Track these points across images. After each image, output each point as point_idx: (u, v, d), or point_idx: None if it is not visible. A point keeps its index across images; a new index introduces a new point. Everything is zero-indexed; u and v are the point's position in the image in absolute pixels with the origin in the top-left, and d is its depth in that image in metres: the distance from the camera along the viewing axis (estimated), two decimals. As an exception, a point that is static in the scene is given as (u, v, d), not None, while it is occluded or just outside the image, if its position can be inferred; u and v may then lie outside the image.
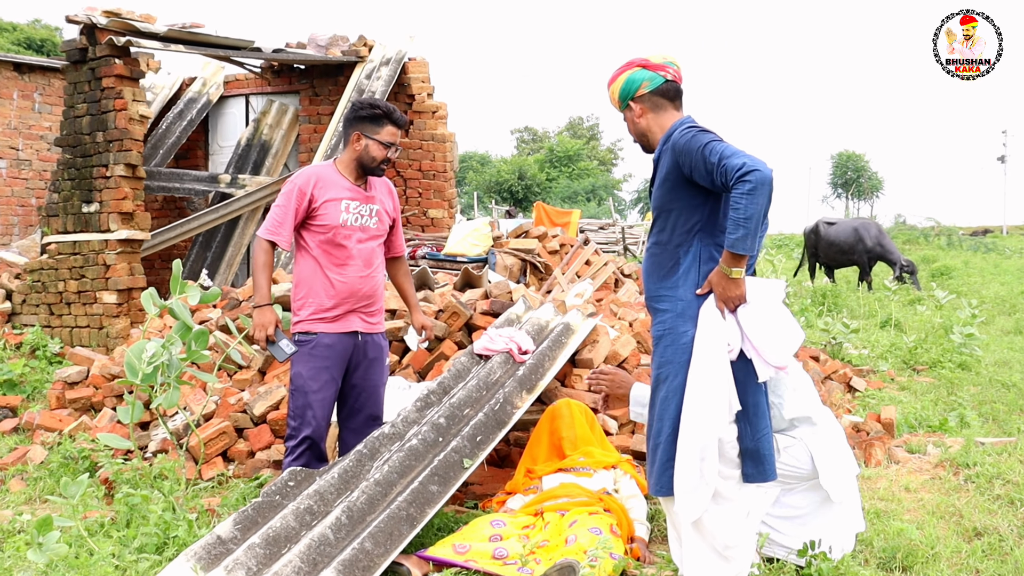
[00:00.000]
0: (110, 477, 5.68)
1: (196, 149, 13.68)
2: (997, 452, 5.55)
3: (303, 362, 4.83)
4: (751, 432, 3.67)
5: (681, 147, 3.60)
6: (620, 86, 3.88)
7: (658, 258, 3.81)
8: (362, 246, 4.90)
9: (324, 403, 4.84)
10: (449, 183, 12.34)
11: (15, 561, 4.38)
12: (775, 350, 3.58)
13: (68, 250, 9.81)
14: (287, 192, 4.83)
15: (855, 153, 70.34)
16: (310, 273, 4.88)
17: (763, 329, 3.58)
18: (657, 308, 3.80)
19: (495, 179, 54.22)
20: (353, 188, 4.91)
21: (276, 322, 4.80)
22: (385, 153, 4.87)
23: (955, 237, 34.57)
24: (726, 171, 3.42)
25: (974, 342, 10.30)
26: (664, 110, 3.87)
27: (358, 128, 4.88)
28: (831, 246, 18.21)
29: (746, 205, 3.37)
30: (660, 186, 3.77)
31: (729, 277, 3.52)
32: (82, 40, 9.60)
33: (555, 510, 4.67)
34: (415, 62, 12.36)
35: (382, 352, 5.10)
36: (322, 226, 4.82)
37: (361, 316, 4.94)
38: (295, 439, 4.84)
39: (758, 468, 3.68)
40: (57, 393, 7.68)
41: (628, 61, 3.90)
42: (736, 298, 3.57)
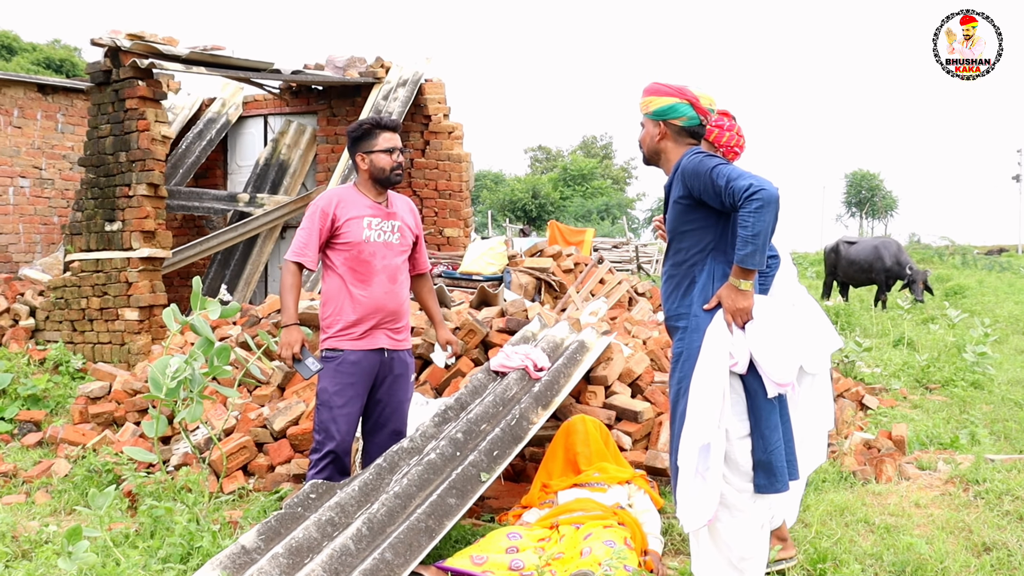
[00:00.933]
0: (133, 490, 5.79)
1: (215, 168, 13.85)
2: (1007, 469, 5.61)
3: (329, 378, 4.93)
4: (763, 444, 3.77)
5: (690, 172, 3.76)
6: (663, 105, 4.01)
7: (675, 279, 3.96)
8: (386, 262, 5.01)
9: (349, 418, 4.94)
10: (465, 202, 12.46)
11: (46, 569, 4.49)
12: (779, 368, 3.71)
13: (91, 268, 9.96)
14: (311, 214, 4.96)
15: (869, 172, 70.32)
16: (336, 291, 4.99)
17: (768, 347, 3.71)
18: (676, 327, 3.94)
19: (509, 198, 54.34)
20: (374, 205, 5.03)
21: (302, 341, 4.93)
22: (391, 159, 4.99)
23: (970, 256, 34.53)
24: (734, 192, 3.58)
25: (987, 361, 10.35)
26: (683, 144, 4.04)
27: (358, 150, 5.03)
28: (851, 265, 18.31)
29: (754, 223, 3.53)
30: (673, 209, 3.91)
31: (739, 290, 3.69)
32: (106, 62, 9.78)
33: (570, 523, 4.76)
34: (431, 83, 12.50)
35: (407, 368, 5.20)
36: (346, 244, 4.94)
37: (387, 333, 5.04)
38: (319, 453, 4.93)
39: (770, 479, 3.79)
40: (80, 408, 7.81)
41: (682, 88, 4.03)
42: (744, 311, 3.72)
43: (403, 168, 5.09)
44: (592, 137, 73.19)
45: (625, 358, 6.61)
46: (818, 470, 5.86)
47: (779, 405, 3.87)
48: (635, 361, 6.63)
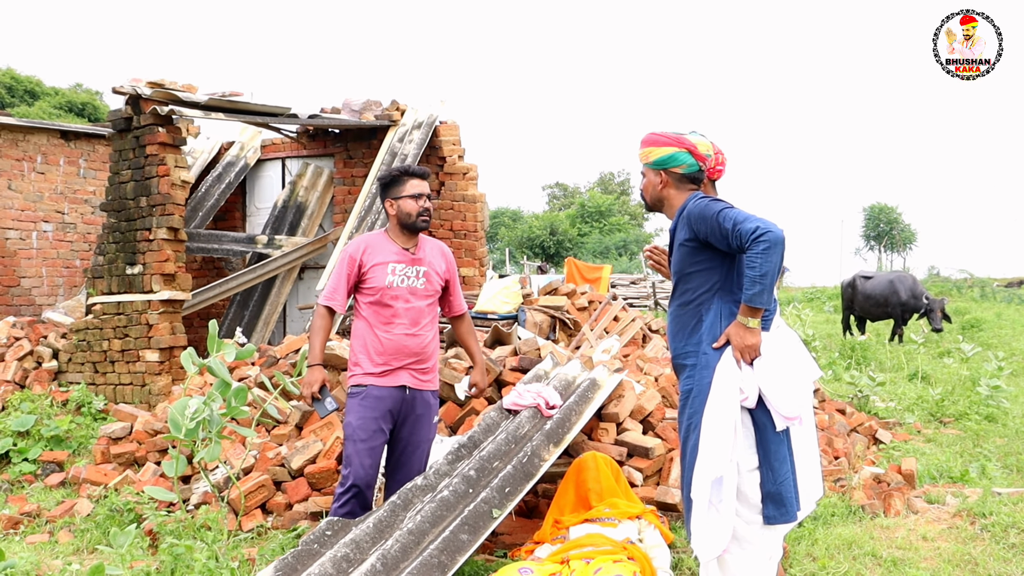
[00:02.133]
0: (154, 528, 5.90)
1: (234, 211, 14.05)
2: (1013, 502, 5.66)
3: (354, 412, 5.09)
4: (772, 476, 3.89)
5: (696, 216, 3.91)
6: (663, 155, 4.15)
7: (682, 319, 4.09)
8: (408, 306, 5.19)
9: (372, 453, 5.07)
10: (480, 242, 12.59)
11: (69, 607, 4.60)
12: (787, 402, 3.83)
13: (112, 310, 10.12)
14: (341, 260, 5.22)
15: (887, 205, 69.99)
16: (363, 331, 5.20)
17: (776, 382, 3.83)
18: (684, 364, 4.06)
19: (527, 235, 54.44)
20: (401, 252, 5.23)
21: (323, 381, 5.14)
22: (418, 204, 5.18)
23: (988, 288, 34.36)
24: (741, 235, 3.73)
25: (1001, 394, 10.37)
26: (685, 190, 4.19)
27: (387, 197, 5.24)
28: (867, 299, 18.35)
29: (761, 263, 3.68)
30: (679, 251, 4.05)
31: (747, 328, 3.83)
32: (127, 110, 9.99)
33: (581, 558, 4.84)
34: (446, 125, 12.68)
35: (430, 409, 5.33)
36: (371, 288, 5.16)
37: (411, 372, 5.20)
38: (343, 486, 5.06)
39: (779, 510, 3.89)
40: (102, 448, 7.93)
41: (679, 137, 4.17)
42: (752, 348, 3.85)
43: (430, 214, 5.26)
44: (609, 174, 73.25)
45: (636, 395, 6.69)
46: (826, 504, 5.94)
47: (786, 438, 3.98)
48: (646, 398, 6.71)
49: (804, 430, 4.60)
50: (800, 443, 4.49)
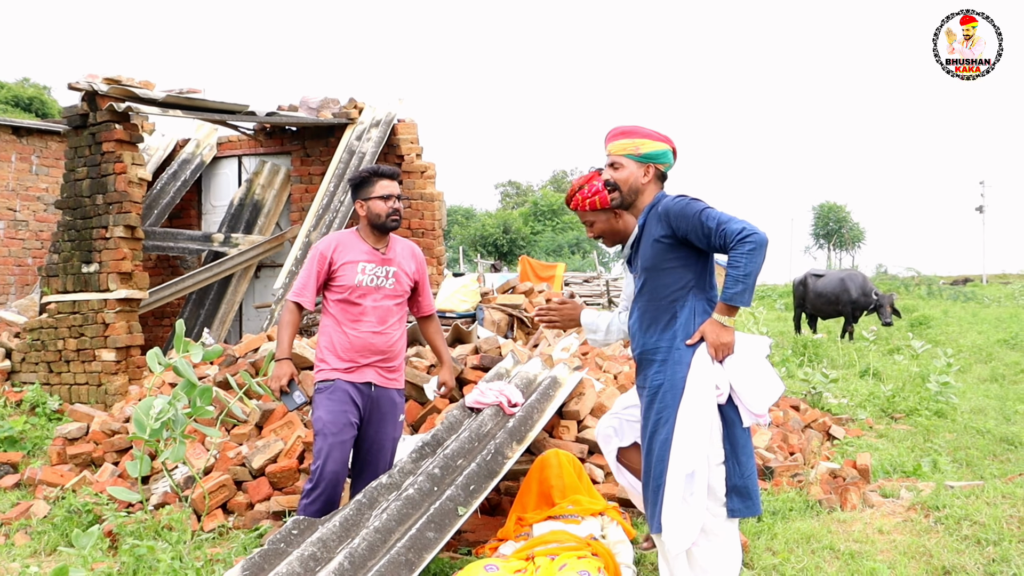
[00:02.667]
0: (114, 530, 5.86)
1: (190, 209, 13.95)
2: (965, 495, 5.78)
3: (323, 406, 5.10)
4: (739, 470, 3.97)
5: (676, 213, 3.97)
6: (655, 149, 4.20)
7: (653, 313, 4.13)
8: (376, 304, 5.22)
9: (344, 446, 5.07)
10: (438, 241, 12.60)
11: (32, 609, 4.57)
12: (756, 400, 3.93)
13: (68, 309, 10.02)
14: (311, 257, 5.25)
15: (836, 204, 70.98)
16: (330, 328, 5.23)
17: (746, 380, 3.93)
18: (653, 360, 4.10)
19: (480, 233, 54.50)
20: (371, 251, 5.26)
21: (291, 375, 5.15)
22: (387, 205, 5.21)
23: (935, 286, 34.95)
24: (726, 234, 3.81)
25: (950, 390, 10.57)
26: (657, 187, 4.26)
27: (357, 198, 5.27)
28: (819, 297, 18.57)
29: (746, 263, 3.77)
30: (653, 248, 4.09)
31: (723, 326, 3.92)
32: (83, 106, 9.89)
33: (545, 555, 4.89)
34: (404, 123, 12.68)
35: (395, 408, 5.36)
36: (340, 286, 5.19)
37: (377, 370, 5.23)
38: (312, 482, 5.05)
39: (745, 503, 3.98)
40: (58, 449, 7.85)
41: (667, 136, 4.25)
42: (727, 346, 3.94)
43: (400, 214, 5.29)
44: (562, 171, 73.57)
45: (597, 393, 6.76)
46: (784, 499, 6.04)
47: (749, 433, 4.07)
48: (606, 396, 6.78)
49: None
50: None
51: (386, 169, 5.28)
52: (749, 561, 5.01)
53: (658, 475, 3.97)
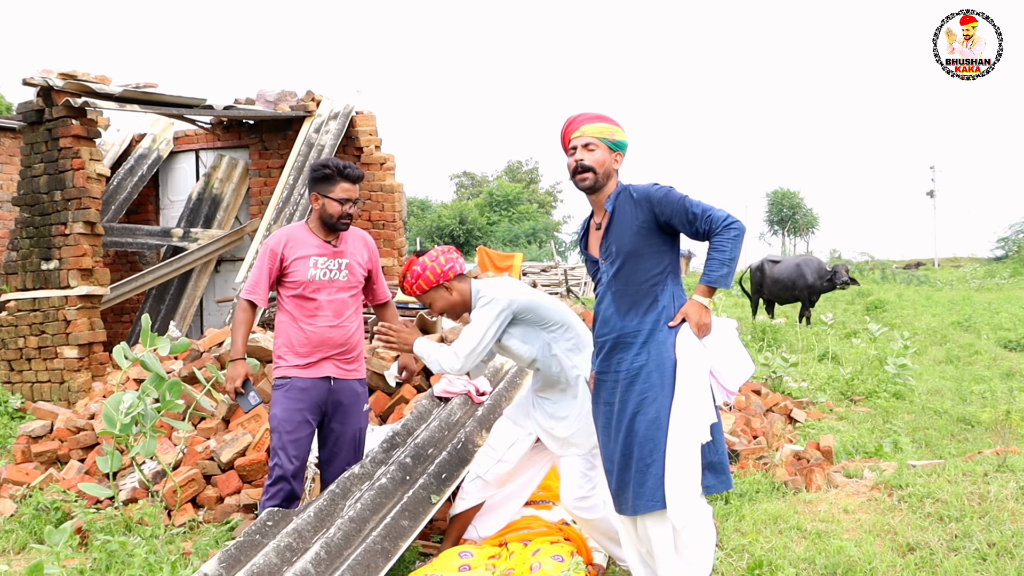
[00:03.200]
0: (84, 526, 5.84)
1: (147, 204, 13.84)
2: (927, 474, 5.90)
3: (279, 404, 5.08)
4: (714, 447, 4.05)
5: (659, 199, 4.11)
6: (624, 139, 4.34)
7: (632, 297, 4.20)
8: (331, 298, 5.16)
9: (299, 444, 5.05)
10: (398, 232, 12.61)
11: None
12: (732, 377, 4.11)
13: (28, 307, 9.93)
14: (261, 254, 5.16)
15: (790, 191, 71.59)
16: (286, 325, 5.17)
17: (722, 358, 4.10)
18: (633, 343, 4.17)
19: (436, 224, 54.38)
20: (322, 245, 5.18)
21: (246, 375, 5.12)
22: (341, 209, 5.13)
23: (888, 271, 35.42)
24: (712, 220, 4.01)
25: (907, 372, 10.74)
26: (616, 176, 4.35)
27: (315, 189, 5.17)
28: (776, 283, 18.74)
29: (731, 248, 3.98)
30: (634, 233, 4.17)
31: (703, 307, 4.07)
32: (38, 102, 9.80)
33: (518, 540, 4.95)
34: (362, 115, 12.66)
35: (358, 399, 5.31)
36: (293, 282, 5.12)
37: (335, 363, 5.18)
38: (271, 478, 5.05)
39: (719, 479, 4.07)
40: (22, 447, 7.78)
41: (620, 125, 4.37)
42: (707, 326, 4.09)
43: (352, 218, 5.22)
44: (517, 162, 73.55)
45: (563, 380, 6.80)
46: (751, 481, 6.15)
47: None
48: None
49: None
50: None
51: (351, 172, 5.18)
52: (719, 542, 5.09)
53: (647, 454, 4.01)
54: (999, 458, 5.98)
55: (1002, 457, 5.97)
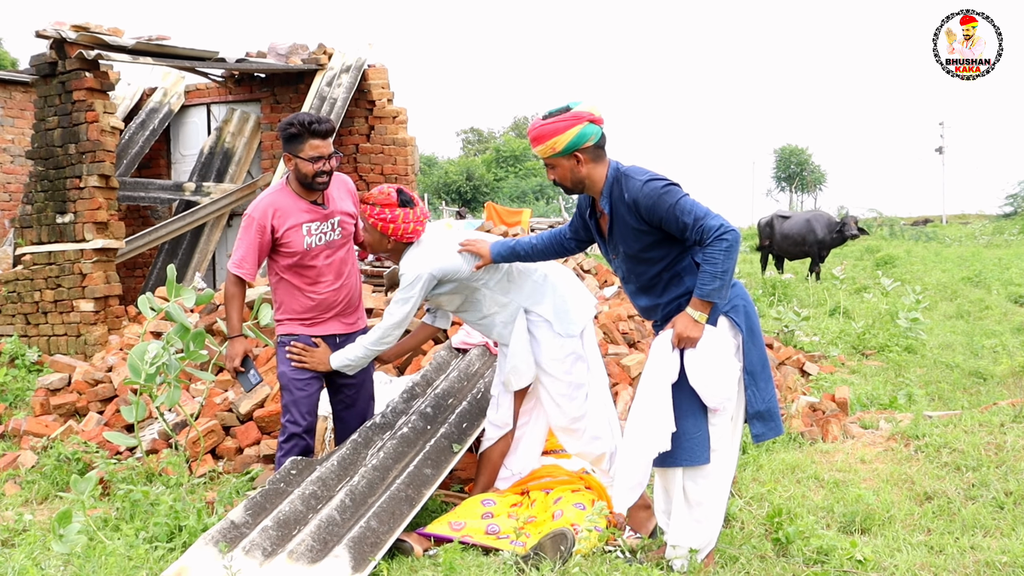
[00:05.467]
0: (105, 476, 5.91)
1: (159, 158, 13.83)
2: (944, 424, 5.95)
3: (286, 362, 4.99)
4: (760, 395, 4.05)
5: (648, 206, 3.95)
6: (570, 139, 4.03)
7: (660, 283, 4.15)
8: (329, 260, 5.01)
9: (309, 399, 5.00)
10: (411, 186, 12.60)
11: (41, 552, 4.63)
12: (711, 395, 3.95)
13: (43, 260, 9.96)
14: (246, 227, 4.89)
15: (798, 147, 71.30)
16: (286, 293, 5.02)
17: (701, 374, 3.95)
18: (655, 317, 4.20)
19: (443, 180, 54.31)
20: (311, 208, 4.94)
21: (245, 352, 5.01)
22: (314, 168, 4.79)
23: (897, 227, 35.33)
24: (704, 230, 3.82)
25: (919, 327, 10.77)
26: (600, 159, 4.15)
27: (286, 150, 4.85)
28: (785, 239, 18.74)
29: (723, 260, 3.79)
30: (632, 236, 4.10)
31: (694, 320, 3.92)
32: (51, 54, 9.76)
33: (540, 489, 5.01)
34: (374, 69, 12.61)
35: None
36: (290, 253, 4.91)
37: (339, 320, 5.12)
38: (284, 435, 5.03)
39: (768, 426, 4.08)
40: (41, 400, 7.85)
41: (575, 114, 4.05)
42: (693, 341, 3.94)
43: (330, 175, 4.91)
44: (524, 118, 73.23)
45: (580, 332, 6.82)
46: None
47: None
48: (588, 335, 6.85)
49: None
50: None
51: (318, 127, 4.76)
52: (736, 491, 5.14)
53: None
54: (1015, 409, 6.03)
55: (1018, 408, 6.02)
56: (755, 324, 4.12)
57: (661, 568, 4.10)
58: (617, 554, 4.31)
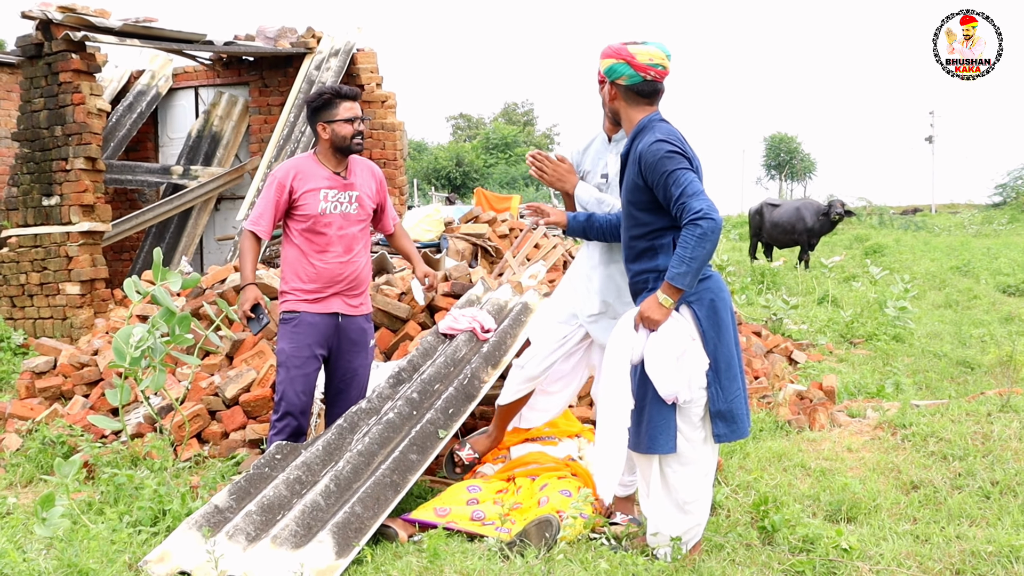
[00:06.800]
0: (90, 460, 5.88)
1: (146, 141, 13.76)
2: (931, 413, 5.95)
3: (286, 339, 5.05)
4: (723, 395, 3.98)
5: (648, 164, 3.91)
6: (606, 67, 4.13)
7: (638, 246, 4.11)
8: (342, 232, 5.08)
9: (306, 379, 5.05)
10: (400, 171, 12.57)
11: (23, 535, 4.60)
12: (661, 383, 3.89)
13: (29, 243, 9.91)
14: (268, 185, 5.05)
15: (787, 135, 71.24)
16: (294, 259, 5.09)
17: (656, 363, 3.89)
18: (642, 288, 4.13)
19: (433, 166, 54.14)
20: (332, 177, 5.09)
21: (256, 299, 5.04)
22: (352, 127, 5.02)
23: (886, 216, 35.34)
24: (683, 208, 3.76)
25: (907, 315, 10.78)
26: (636, 104, 4.15)
27: (319, 120, 5.05)
28: (775, 227, 18.73)
29: (694, 247, 3.71)
30: (629, 186, 4.09)
31: (659, 305, 3.86)
32: (37, 35, 9.69)
33: (526, 475, 5.00)
34: (363, 53, 12.56)
35: (364, 335, 5.28)
36: (303, 216, 5.02)
37: (343, 299, 5.14)
38: (277, 413, 5.06)
39: (731, 427, 4.01)
40: (26, 383, 7.80)
41: (619, 48, 4.12)
42: (655, 323, 3.89)
43: (363, 136, 5.12)
44: (513, 104, 73.04)
45: (568, 319, 6.80)
46: (755, 420, 6.17)
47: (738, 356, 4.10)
48: (577, 322, 6.82)
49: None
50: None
51: (347, 90, 5.08)
52: (723, 479, 5.14)
53: (640, 397, 4.01)
54: (1002, 399, 6.02)
55: (1005, 397, 6.02)
56: (723, 320, 4.02)
57: (646, 556, 4.09)
58: (602, 541, 4.30)
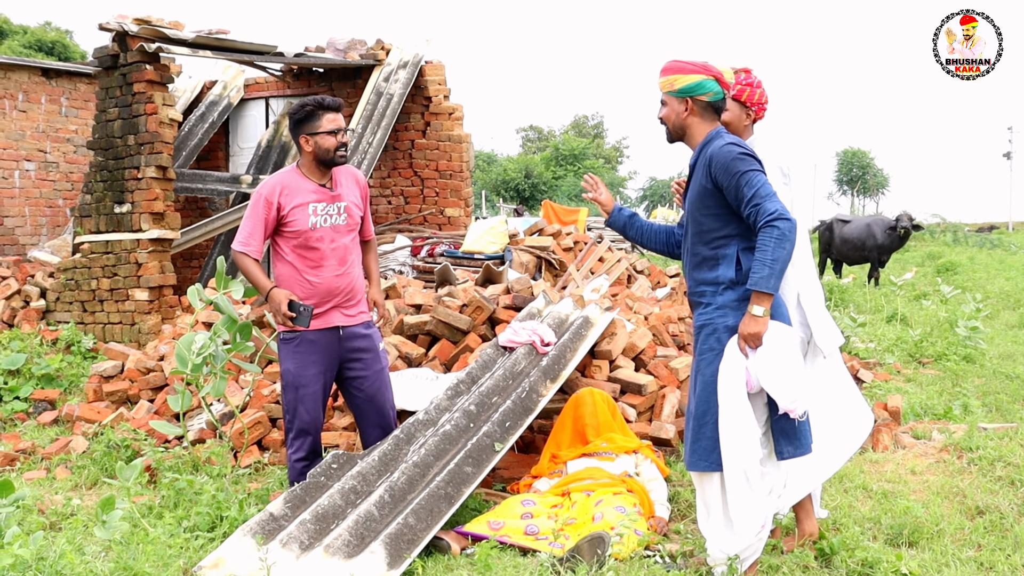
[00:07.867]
0: (152, 464, 5.98)
1: (217, 151, 13.98)
2: (999, 437, 5.81)
3: (290, 360, 4.96)
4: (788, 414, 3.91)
5: (720, 167, 3.89)
6: (689, 82, 4.06)
7: (699, 255, 4.09)
8: (334, 245, 4.99)
9: (314, 397, 4.96)
10: (465, 183, 12.61)
11: (83, 537, 4.68)
12: (782, 395, 3.83)
13: (101, 249, 10.10)
14: (254, 203, 4.96)
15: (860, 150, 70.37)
16: (288, 277, 4.98)
17: (770, 376, 3.84)
18: (700, 301, 4.10)
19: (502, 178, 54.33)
20: (319, 190, 4.99)
21: (287, 297, 4.87)
22: (336, 139, 4.91)
23: (961, 233, 34.67)
24: (759, 211, 3.75)
25: (979, 335, 10.52)
26: (709, 119, 4.13)
27: (301, 132, 4.95)
28: (845, 243, 18.46)
29: (773, 248, 3.70)
30: (697, 191, 4.06)
31: (753, 317, 3.81)
32: (114, 47, 9.89)
33: (581, 491, 4.97)
34: (431, 65, 12.63)
35: (370, 340, 5.15)
36: (293, 232, 4.91)
37: (341, 311, 5.03)
38: (291, 432, 5.00)
39: (793, 444, 3.97)
40: (94, 387, 7.97)
41: (706, 65, 4.10)
42: (756, 336, 3.83)
43: (347, 148, 5.05)
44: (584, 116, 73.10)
45: (628, 333, 6.78)
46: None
47: None
48: (638, 336, 6.80)
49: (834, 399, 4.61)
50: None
51: (331, 101, 4.97)
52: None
53: (701, 413, 3.97)
54: (1074, 423, 5.86)
55: (1077, 422, 5.86)
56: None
57: (699, 575, 4.04)
58: (656, 559, 4.26)
